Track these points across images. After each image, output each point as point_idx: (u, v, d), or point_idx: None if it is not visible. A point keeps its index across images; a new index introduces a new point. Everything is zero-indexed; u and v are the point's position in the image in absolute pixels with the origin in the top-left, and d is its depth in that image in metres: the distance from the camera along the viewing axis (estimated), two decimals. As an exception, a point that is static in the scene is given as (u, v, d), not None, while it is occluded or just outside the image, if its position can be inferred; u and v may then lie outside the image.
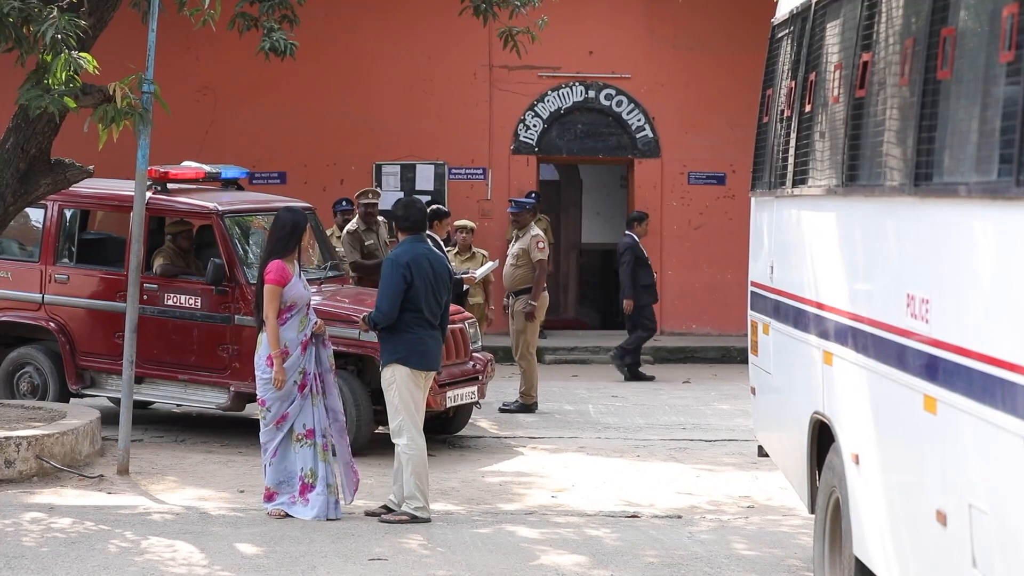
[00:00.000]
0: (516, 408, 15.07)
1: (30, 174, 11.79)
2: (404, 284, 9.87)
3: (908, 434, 6.03)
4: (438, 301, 10.06)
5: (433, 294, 9.99)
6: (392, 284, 9.89)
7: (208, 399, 13.25)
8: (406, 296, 9.89)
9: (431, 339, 10.03)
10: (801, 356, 7.95)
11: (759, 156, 9.53)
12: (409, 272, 9.88)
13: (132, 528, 9.82)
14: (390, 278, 9.91)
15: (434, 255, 10.15)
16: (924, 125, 5.82)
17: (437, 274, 10.02)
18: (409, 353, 9.96)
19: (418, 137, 20.92)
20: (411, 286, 9.89)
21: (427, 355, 10.02)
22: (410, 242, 10.10)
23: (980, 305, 5.25)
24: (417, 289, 9.91)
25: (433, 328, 10.04)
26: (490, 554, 9.30)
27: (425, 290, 9.95)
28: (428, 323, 10.00)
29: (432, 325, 10.02)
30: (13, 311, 13.88)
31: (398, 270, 9.88)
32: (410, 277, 9.88)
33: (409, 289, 9.89)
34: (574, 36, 20.60)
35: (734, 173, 20.64)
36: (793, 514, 10.49)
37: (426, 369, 10.05)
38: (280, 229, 10.27)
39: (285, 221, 10.30)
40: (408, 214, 10.17)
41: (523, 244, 15.28)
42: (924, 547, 5.86)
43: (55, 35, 9.83)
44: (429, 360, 10.05)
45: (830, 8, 7.83)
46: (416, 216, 10.18)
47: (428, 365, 10.05)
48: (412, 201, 10.43)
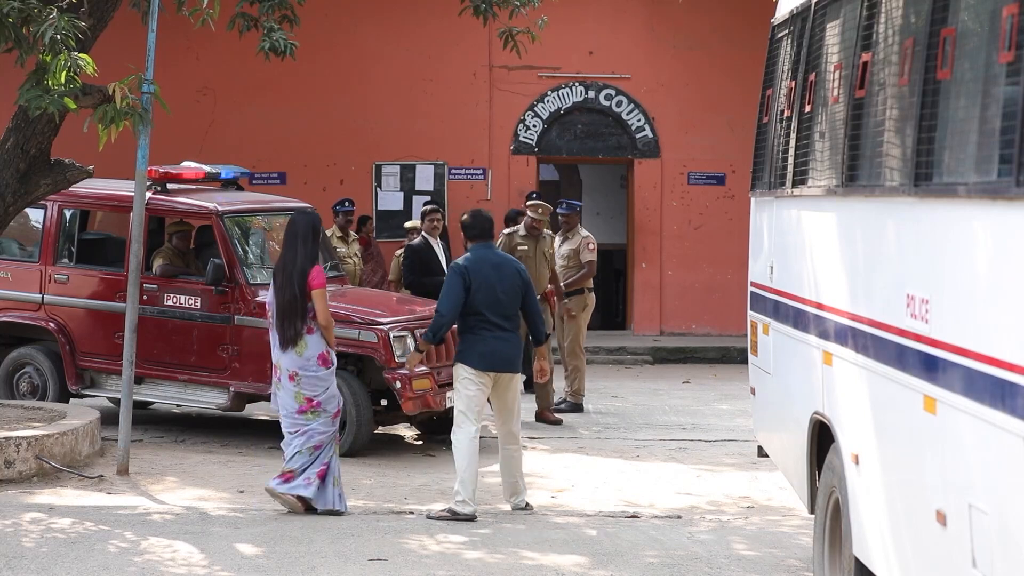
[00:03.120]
0: (568, 408, 14.99)
1: (30, 174, 11.80)
2: (462, 288, 10.18)
3: (908, 434, 6.03)
4: (506, 303, 10.28)
5: (497, 297, 10.24)
6: (449, 288, 10.25)
7: (208, 399, 13.25)
8: (468, 300, 10.19)
9: (495, 340, 10.25)
10: (801, 356, 7.95)
11: (759, 156, 9.53)
12: (467, 277, 10.19)
13: (132, 528, 9.82)
14: (449, 283, 10.29)
15: (500, 260, 10.46)
16: (924, 125, 5.82)
17: (502, 278, 10.29)
18: (470, 353, 10.26)
19: (418, 137, 20.92)
20: (470, 290, 10.18)
21: (488, 356, 10.24)
22: (475, 249, 10.48)
23: (980, 305, 5.25)
24: (476, 293, 10.20)
25: (502, 330, 10.27)
26: (490, 554, 9.30)
27: (486, 294, 10.22)
28: (495, 325, 10.25)
29: (500, 327, 10.26)
30: (13, 311, 13.88)
31: (456, 275, 10.24)
32: (468, 282, 10.18)
33: (469, 293, 10.18)
34: (574, 36, 20.61)
35: (734, 173, 20.65)
36: (793, 514, 10.49)
37: (487, 369, 10.25)
38: (306, 232, 10.36)
39: (307, 223, 10.44)
40: (475, 223, 10.54)
41: (573, 245, 15.20)
42: (924, 547, 5.86)
43: (54, 35, 9.83)
44: (491, 361, 10.25)
45: (830, 8, 7.83)
46: (483, 224, 10.53)
47: (489, 366, 10.25)
48: (478, 211, 10.77)
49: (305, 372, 10.23)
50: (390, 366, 12.50)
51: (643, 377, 18.19)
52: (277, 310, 10.27)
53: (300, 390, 10.23)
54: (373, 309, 13.07)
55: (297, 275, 10.21)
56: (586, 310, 15.20)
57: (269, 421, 14.57)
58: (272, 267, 13.62)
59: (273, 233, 14.38)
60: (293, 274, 10.22)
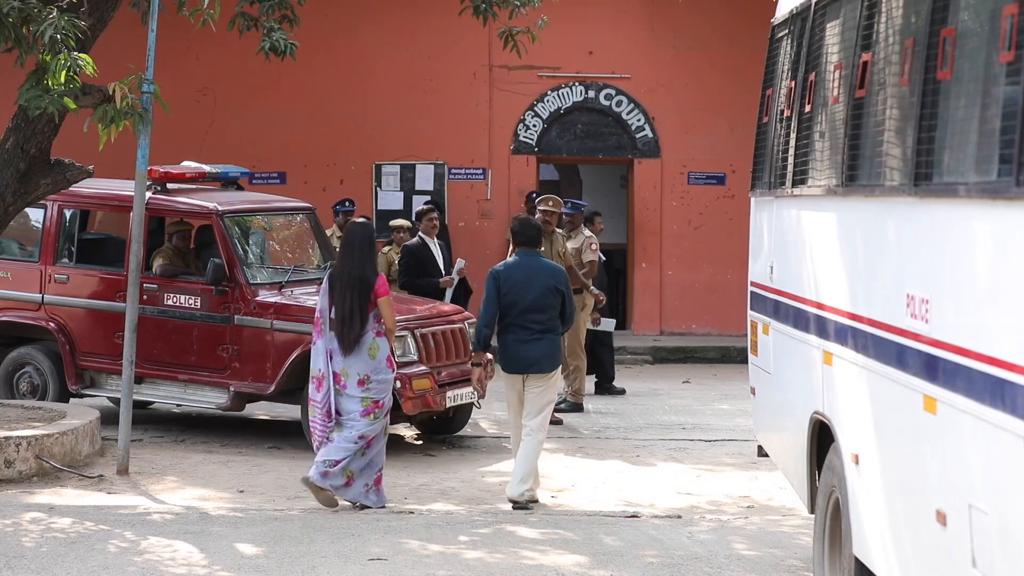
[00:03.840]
0: (568, 407, 14.97)
1: (30, 174, 11.80)
2: (495, 293, 10.61)
3: (908, 434, 6.03)
4: (537, 308, 10.60)
5: (528, 301, 10.59)
6: (485, 295, 10.71)
7: (208, 399, 13.25)
8: (502, 304, 10.61)
9: (521, 343, 10.61)
10: (801, 356, 7.95)
11: (759, 156, 9.53)
12: (498, 282, 10.63)
13: (132, 528, 9.82)
14: (485, 290, 10.73)
15: (537, 265, 10.73)
16: (924, 125, 5.82)
17: (534, 283, 10.61)
18: (502, 356, 10.76)
19: (418, 137, 20.92)
20: (502, 294, 10.60)
21: (515, 358, 10.65)
22: (518, 253, 10.83)
23: (980, 305, 5.25)
24: (507, 297, 10.60)
25: (532, 332, 10.60)
26: (490, 554, 9.30)
27: (516, 298, 10.59)
28: (524, 328, 10.61)
29: (530, 330, 10.60)
30: (13, 311, 13.88)
31: (491, 280, 10.70)
32: (499, 286, 10.61)
33: (500, 297, 10.60)
34: (574, 36, 20.60)
35: (734, 173, 20.64)
36: (793, 514, 10.49)
37: (513, 372, 10.66)
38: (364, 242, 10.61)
39: (365, 234, 10.74)
40: (522, 230, 10.89)
41: (576, 244, 15.17)
42: (924, 547, 5.86)
43: (54, 35, 9.83)
44: (516, 363, 10.65)
45: (830, 8, 7.83)
46: (529, 232, 10.89)
47: (515, 368, 10.66)
48: (527, 219, 11.17)
49: (376, 375, 10.42)
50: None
51: (643, 377, 18.19)
52: (337, 317, 10.41)
53: (368, 394, 10.40)
54: (373, 309, 13.06)
55: (361, 283, 10.41)
56: (584, 309, 15.19)
57: (269, 421, 14.58)
58: (272, 267, 13.73)
59: (273, 233, 14.40)
60: (357, 283, 10.41)
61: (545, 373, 10.71)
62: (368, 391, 10.39)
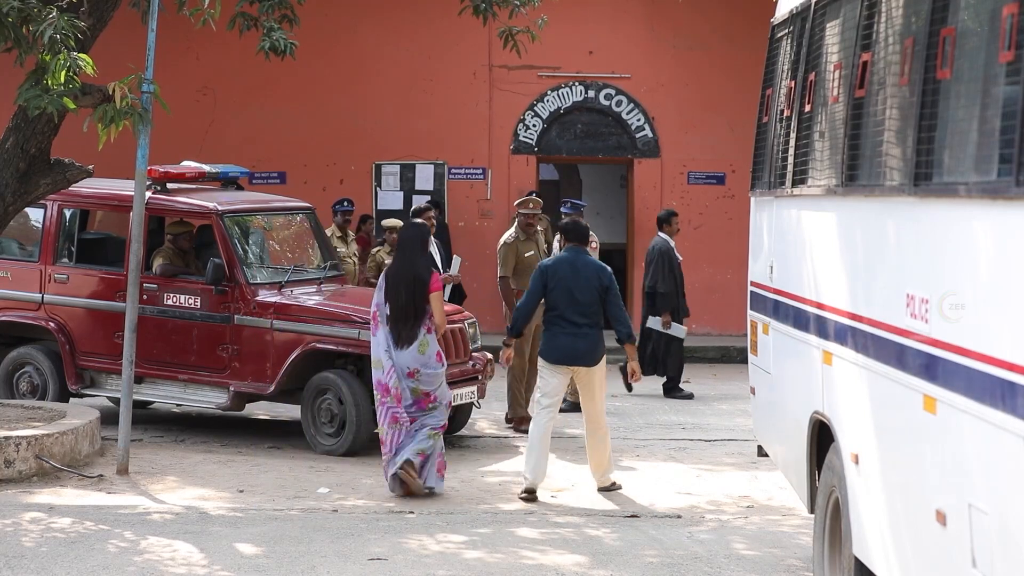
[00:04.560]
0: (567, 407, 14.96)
1: (30, 174, 11.80)
2: (541, 286, 11.05)
3: (908, 434, 6.03)
4: (582, 303, 10.95)
5: (573, 296, 10.95)
6: (530, 286, 11.24)
7: (208, 399, 13.25)
8: (547, 297, 11.03)
9: (566, 335, 10.98)
10: (801, 356, 7.95)
11: (759, 156, 9.54)
12: (544, 276, 11.06)
13: (132, 528, 9.82)
14: (531, 282, 11.28)
15: (582, 261, 11.11)
16: (924, 125, 5.82)
17: (580, 279, 10.99)
18: (545, 347, 11.10)
19: (418, 137, 20.92)
20: (548, 288, 11.01)
21: (559, 351, 11.01)
22: (566, 249, 11.29)
23: (980, 305, 5.25)
24: (552, 291, 11.00)
25: (577, 327, 10.97)
26: (490, 554, 9.30)
27: (561, 292, 10.98)
28: (568, 321, 10.98)
29: (575, 324, 10.97)
30: (13, 311, 13.89)
31: (537, 274, 11.18)
32: (545, 280, 11.03)
33: (546, 291, 11.02)
34: (574, 36, 20.60)
35: (734, 173, 20.64)
36: (793, 514, 10.49)
37: (557, 363, 11.03)
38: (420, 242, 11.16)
39: (420, 234, 11.28)
40: (574, 228, 11.37)
41: None
42: (924, 547, 5.86)
43: (54, 35, 9.83)
44: (560, 355, 11.01)
45: (830, 8, 7.83)
46: (579, 230, 11.35)
47: (558, 359, 11.02)
48: (577, 219, 11.76)
49: (426, 369, 10.93)
50: (390, 366, 12.50)
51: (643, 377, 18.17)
52: (393, 313, 10.92)
53: (419, 386, 10.93)
54: (373, 309, 13.06)
55: (416, 282, 10.93)
56: None
57: (269, 421, 14.59)
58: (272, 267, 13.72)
59: (273, 233, 14.39)
60: (411, 280, 10.93)
61: (590, 366, 11.06)
62: (418, 382, 10.92)
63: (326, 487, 11.26)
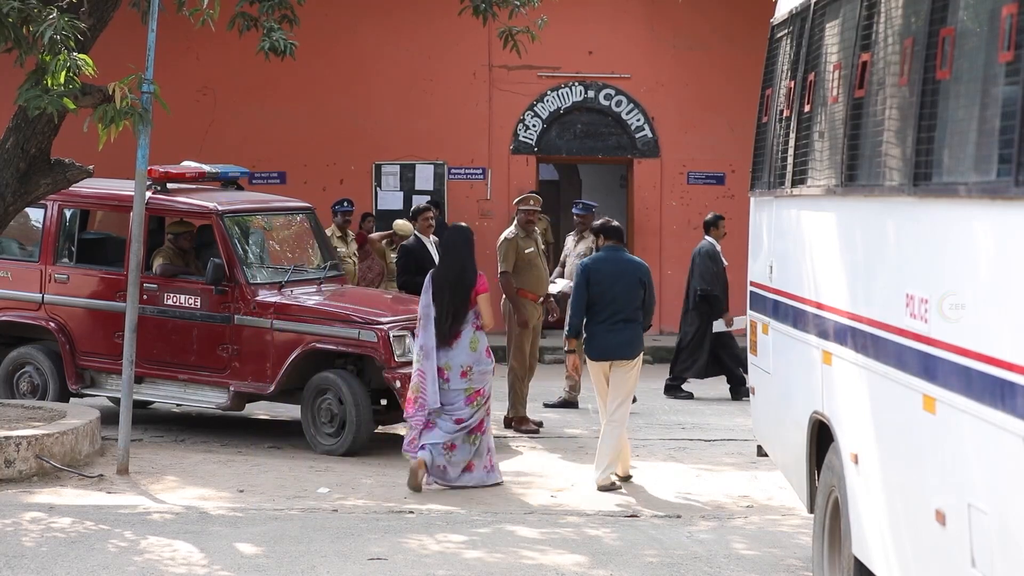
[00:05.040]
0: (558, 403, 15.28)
1: (30, 174, 11.80)
2: (586, 284, 11.34)
3: (907, 434, 6.04)
4: (622, 299, 11.29)
5: (614, 293, 11.28)
6: (576, 286, 11.50)
7: (208, 399, 13.25)
8: (590, 296, 11.31)
9: (607, 333, 11.29)
10: (800, 356, 7.95)
11: (758, 156, 9.54)
12: (587, 274, 11.36)
13: (132, 528, 9.83)
14: (575, 282, 11.53)
15: (622, 259, 11.50)
16: (923, 125, 5.82)
17: (620, 276, 11.34)
18: (588, 343, 11.41)
19: (418, 137, 20.93)
20: (591, 286, 11.31)
21: (600, 346, 11.33)
22: (604, 248, 11.60)
23: (980, 305, 5.26)
24: (595, 288, 11.31)
25: (616, 322, 11.27)
26: (490, 553, 9.31)
27: (603, 289, 11.30)
28: (609, 319, 11.28)
29: (616, 319, 11.28)
30: (13, 311, 13.89)
31: (581, 274, 11.44)
32: (588, 277, 11.34)
33: (590, 289, 11.31)
34: (574, 36, 20.61)
35: (733, 173, 20.65)
36: (792, 514, 10.50)
37: (599, 358, 11.34)
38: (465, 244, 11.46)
39: (466, 237, 11.56)
40: (610, 227, 11.70)
41: (588, 243, 15.10)
42: (923, 547, 5.87)
43: (54, 35, 9.83)
44: (601, 351, 11.33)
45: (829, 8, 7.84)
46: (616, 229, 11.71)
47: (600, 355, 11.35)
48: (609, 220, 11.97)
49: (478, 365, 11.27)
50: (390, 366, 12.51)
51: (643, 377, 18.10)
52: (439, 313, 11.22)
53: (471, 384, 11.23)
54: (373, 308, 13.08)
55: (462, 283, 11.26)
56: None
57: (269, 421, 14.59)
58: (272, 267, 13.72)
59: (273, 233, 14.40)
60: (458, 282, 11.25)
61: (628, 359, 11.35)
62: (471, 381, 11.24)
63: (326, 487, 11.26)
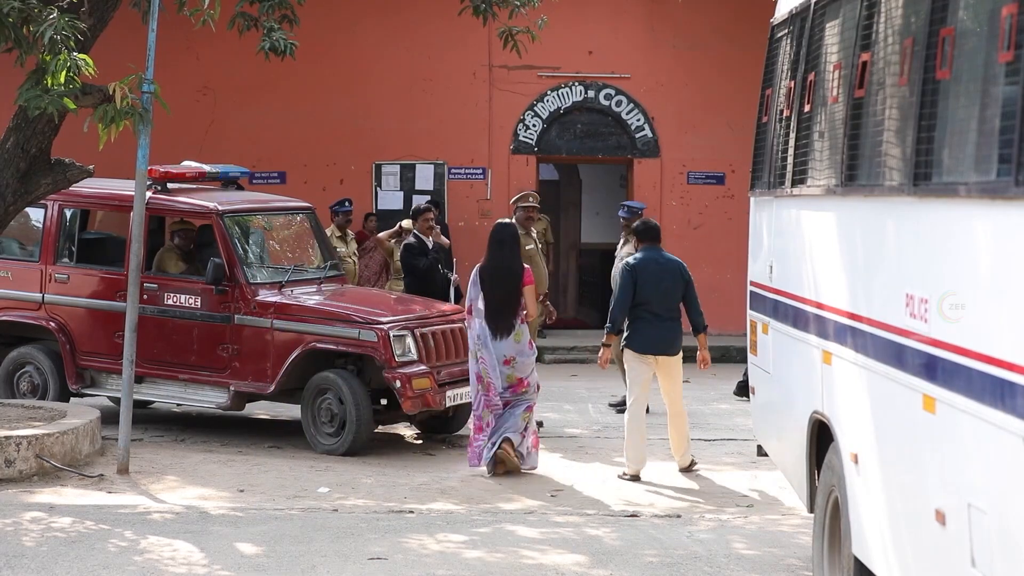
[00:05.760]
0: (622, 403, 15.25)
1: (30, 174, 11.81)
2: (631, 283, 11.85)
3: (907, 434, 6.04)
4: (666, 297, 11.90)
5: (658, 291, 11.85)
6: (621, 284, 12.01)
7: (208, 399, 13.26)
8: (635, 293, 11.83)
9: (654, 328, 11.88)
10: (800, 356, 7.95)
11: (758, 156, 9.54)
12: (634, 273, 11.87)
13: (132, 527, 9.83)
14: (621, 280, 12.05)
15: (665, 259, 12.05)
16: (923, 125, 5.83)
17: (664, 275, 11.92)
18: (633, 338, 11.93)
19: (418, 137, 20.92)
20: (637, 285, 11.82)
21: (647, 340, 11.88)
22: (643, 249, 12.12)
23: (979, 305, 5.26)
24: (641, 287, 11.85)
25: (661, 319, 11.88)
26: (490, 553, 9.31)
27: (649, 287, 11.85)
28: (654, 315, 11.87)
29: (660, 316, 11.87)
30: (13, 311, 13.90)
31: (626, 273, 11.97)
32: (635, 277, 11.85)
33: (636, 288, 11.80)
34: (574, 36, 20.61)
35: (733, 173, 20.64)
36: (793, 513, 10.50)
37: (645, 352, 11.91)
38: (511, 239, 11.95)
39: (512, 233, 12.05)
40: (646, 230, 12.23)
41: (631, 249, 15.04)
42: (923, 546, 5.87)
43: (54, 35, 9.84)
44: (649, 344, 11.89)
45: (829, 8, 7.84)
46: (652, 231, 12.22)
47: (647, 349, 11.90)
48: (648, 220, 12.57)
49: (521, 356, 11.81)
50: (390, 365, 12.52)
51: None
52: (490, 307, 11.73)
53: (514, 372, 11.79)
54: (373, 308, 13.08)
55: (512, 277, 11.79)
56: None
57: (269, 420, 14.60)
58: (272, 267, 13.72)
59: (273, 233, 14.40)
60: (508, 276, 11.79)
61: (672, 355, 11.93)
62: (513, 369, 11.76)
63: (326, 487, 11.27)
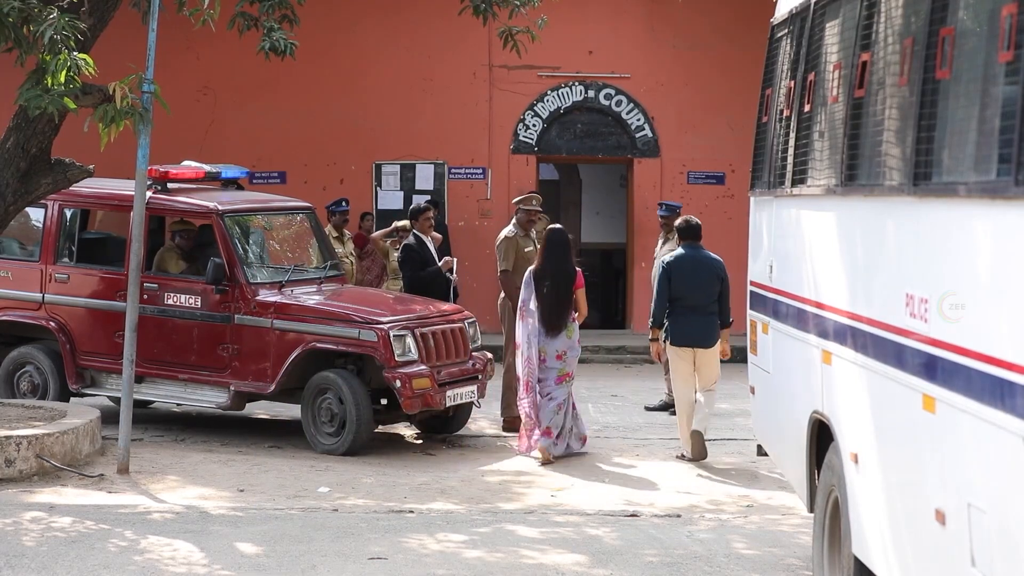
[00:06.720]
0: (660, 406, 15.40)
1: (31, 174, 11.81)
2: (666, 280, 12.43)
3: (907, 433, 6.04)
4: (701, 293, 12.43)
5: (694, 287, 12.40)
6: (658, 281, 12.56)
7: (208, 398, 13.26)
8: (672, 288, 12.40)
9: (692, 322, 12.44)
10: (800, 355, 7.96)
11: (758, 156, 9.54)
12: (669, 271, 12.45)
13: (132, 527, 9.83)
14: (658, 277, 12.61)
15: (701, 257, 12.60)
16: (923, 125, 5.83)
17: (699, 272, 12.49)
18: (672, 332, 12.48)
19: (418, 137, 20.92)
20: (672, 280, 12.39)
21: (686, 334, 12.45)
22: (683, 246, 12.70)
23: (979, 304, 5.26)
24: (676, 283, 12.41)
25: (696, 313, 12.44)
26: (490, 553, 9.31)
27: (685, 284, 12.42)
28: (690, 309, 12.43)
29: (696, 311, 12.43)
30: (13, 310, 13.90)
31: (662, 271, 12.55)
32: (671, 274, 12.41)
33: (671, 283, 12.38)
34: (574, 36, 20.61)
35: (733, 173, 20.65)
36: (792, 513, 10.50)
37: (683, 345, 12.49)
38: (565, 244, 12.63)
39: (565, 238, 12.75)
40: (688, 228, 12.78)
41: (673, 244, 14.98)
42: (923, 546, 5.87)
43: (54, 35, 9.84)
44: (688, 338, 12.47)
45: (829, 8, 7.84)
46: (693, 229, 12.76)
47: (685, 342, 12.48)
48: (690, 218, 12.98)
49: (571, 351, 12.59)
50: (390, 365, 12.52)
51: (643, 376, 18.19)
52: (544, 307, 12.42)
53: (564, 366, 12.54)
54: (373, 308, 13.08)
55: (566, 279, 12.50)
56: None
57: (269, 420, 14.60)
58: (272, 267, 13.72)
59: (273, 233, 14.40)
60: (562, 278, 12.48)
61: (708, 348, 12.47)
62: (565, 363, 12.53)
63: (326, 486, 11.27)
